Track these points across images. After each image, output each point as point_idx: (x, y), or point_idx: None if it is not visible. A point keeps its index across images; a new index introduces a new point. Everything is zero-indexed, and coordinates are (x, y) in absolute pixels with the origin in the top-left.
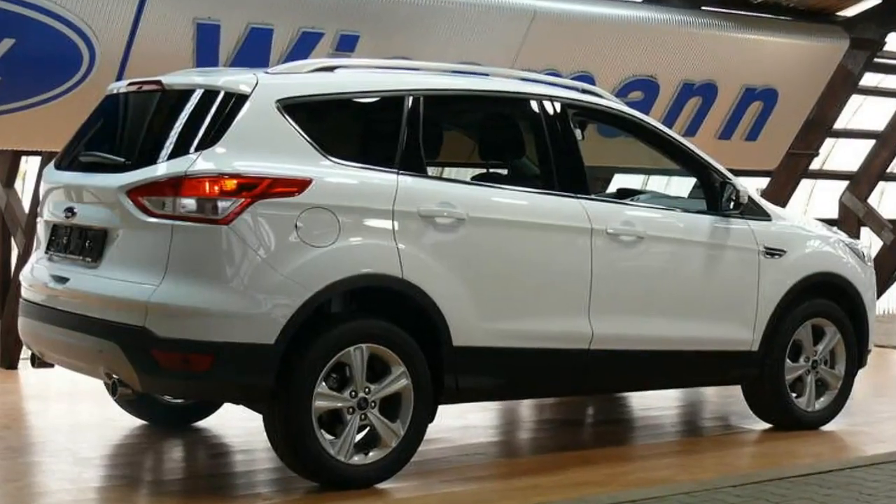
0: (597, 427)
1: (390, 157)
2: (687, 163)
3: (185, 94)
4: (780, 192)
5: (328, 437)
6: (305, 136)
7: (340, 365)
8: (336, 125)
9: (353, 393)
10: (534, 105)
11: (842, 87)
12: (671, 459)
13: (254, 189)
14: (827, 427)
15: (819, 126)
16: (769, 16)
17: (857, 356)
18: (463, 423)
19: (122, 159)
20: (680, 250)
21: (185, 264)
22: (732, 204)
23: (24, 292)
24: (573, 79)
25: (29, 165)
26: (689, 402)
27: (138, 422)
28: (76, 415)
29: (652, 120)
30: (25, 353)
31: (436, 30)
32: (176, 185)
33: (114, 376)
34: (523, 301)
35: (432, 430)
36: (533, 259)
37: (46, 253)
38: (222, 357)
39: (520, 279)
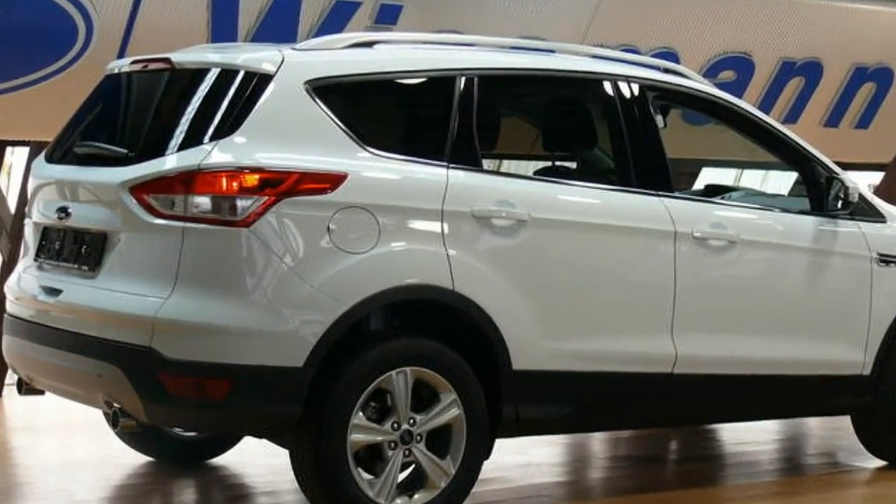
0: (681, 465)
1: (439, 149)
2: (787, 155)
3: (199, 73)
4: None
5: (366, 476)
6: (339, 123)
7: (380, 392)
8: (375, 110)
9: (396, 425)
10: (607, 87)
11: None
12: (769, 502)
13: (279, 185)
14: None
15: None
16: None
17: None
18: (524, 460)
19: (125, 151)
20: (779, 257)
21: (199, 273)
22: (840, 203)
23: (10, 306)
24: (653, 56)
25: (15, 157)
26: (790, 436)
27: (144, 459)
28: (70, 451)
29: (746, 104)
30: (11, 377)
31: None
32: (187, 180)
33: (115, 405)
34: (595, 317)
35: (488, 467)
36: (606, 267)
37: (36, 260)
38: (242, 382)
39: (591, 291)
